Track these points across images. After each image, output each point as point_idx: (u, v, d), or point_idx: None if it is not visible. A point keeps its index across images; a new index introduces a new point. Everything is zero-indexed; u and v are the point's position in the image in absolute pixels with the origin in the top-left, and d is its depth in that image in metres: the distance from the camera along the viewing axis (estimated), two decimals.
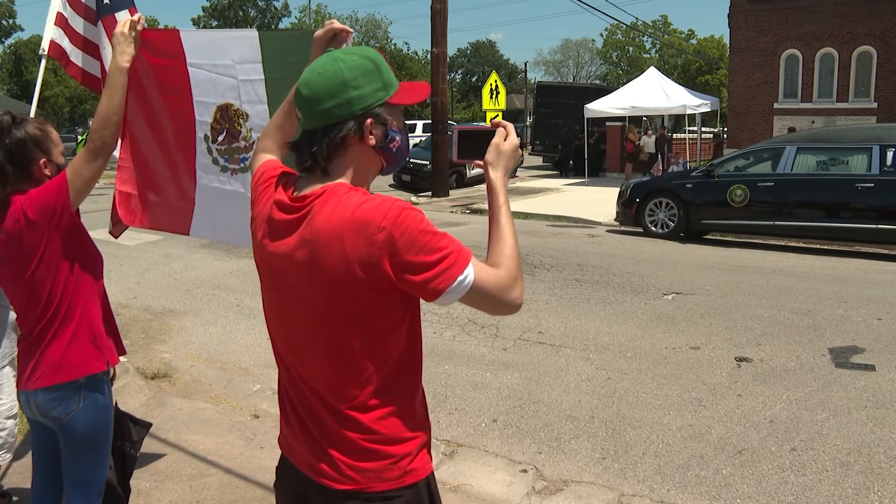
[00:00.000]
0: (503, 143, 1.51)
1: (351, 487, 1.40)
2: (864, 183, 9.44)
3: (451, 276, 1.31)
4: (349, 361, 1.38)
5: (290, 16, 58.16)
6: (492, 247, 1.42)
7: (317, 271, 1.35)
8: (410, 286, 1.33)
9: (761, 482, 3.52)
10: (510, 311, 1.40)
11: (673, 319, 6.21)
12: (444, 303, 1.35)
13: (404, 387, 1.45)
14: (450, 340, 5.69)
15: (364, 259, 1.30)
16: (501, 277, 1.37)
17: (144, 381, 4.79)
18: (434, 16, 16.42)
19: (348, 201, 1.35)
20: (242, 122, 2.45)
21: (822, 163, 10.01)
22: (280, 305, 1.47)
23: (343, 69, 1.39)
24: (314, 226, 1.35)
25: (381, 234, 1.29)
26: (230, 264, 8.39)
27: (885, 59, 18.70)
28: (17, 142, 2.12)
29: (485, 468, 3.71)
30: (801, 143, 10.29)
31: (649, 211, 11.15)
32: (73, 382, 2.12)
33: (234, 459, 3.72)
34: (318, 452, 1.43)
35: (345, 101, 1.39)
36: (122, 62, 2.25)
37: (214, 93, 2.47)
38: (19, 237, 2.05)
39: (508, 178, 1.52)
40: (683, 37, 61.46)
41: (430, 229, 1.32)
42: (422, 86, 1.52)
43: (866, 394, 4.55)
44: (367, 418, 1.40)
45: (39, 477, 2.33)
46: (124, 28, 2.29)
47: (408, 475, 1.42)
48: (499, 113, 15.57)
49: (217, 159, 2.49)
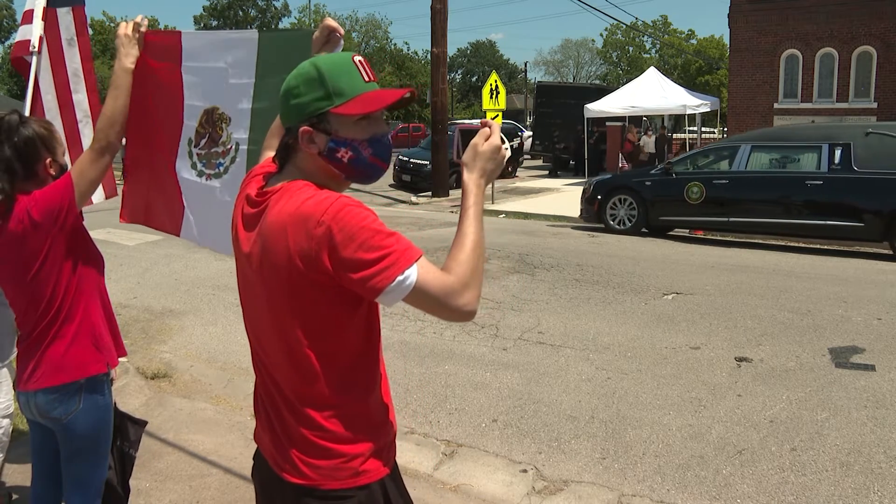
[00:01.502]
0: (482, 143, 1.49)
1: (305, 483, 1.42)
2: (814, 180, 9.71)
3: (390, 275, 1.30)
4: (301, 357, 1.40)
5: (290, 16, 58.27)
6: (450, 250, 1.40)
7: (266, 264, 1.38)
8: (350, 283, 1.32)
9: (761, 482, 3.52)
10: (459, 317, 1.37)
11: (673, 319, 6.20)
12: (385, 302, 1.34)
13: (359, 387, 1.45)
14: (450, 340, 5.69)
15: (304, 252, 1.31)
16: (448, 283, 1.34)
17: (144, 381, 4.79)
18: (434, 16, 16.43)
19: (297, 196, 1.37)
20: (225, 126, 2.43)
21: (774, 161, 10.32)
22: (247, 300, 1.52)
23: (291, 77, 1.44)
24: (266, 220, 1.39)
25: (320, 228, 1.30)
26: (230, 264, 8.33)
27: (885, 59, 18.69)
28: (25, 140, 2.13)
29: (485, 468, 3.71)
30: (755, 142, 10.58)
31: (611, 208, 11.42)
32: (74, 383, 2.12)
33: (234, 459, 3.72)
34: (278, 446, 1.46)
35: (287, 108, 1.44)
36: (127, 64, 2.29)
37: (204, 96, 2.45)
38: (22, 238, 2.05)
39: (486, 180, 1.49)
40: (683, 37, 61.49)
41: (373, 227, 1.31)
42: (388, 93, 1.46)
43: (866, 394, 4.55)
44: (320, 416, 1.41)
45: (39, 477, 2.33)
46: (127, 30, 2.32)
47: (360, 476, 1.43)
48: (499, 113, 15.54)
49: (195, 164, 2.48)
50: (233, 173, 2.39)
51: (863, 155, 9.55)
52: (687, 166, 11.03)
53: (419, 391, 4.70)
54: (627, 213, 11.28)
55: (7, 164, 2.09)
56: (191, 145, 2.48)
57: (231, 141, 2.40)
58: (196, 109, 2.48)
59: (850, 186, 9.52)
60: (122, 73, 2.27)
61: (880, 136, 9.66)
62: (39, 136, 2.16)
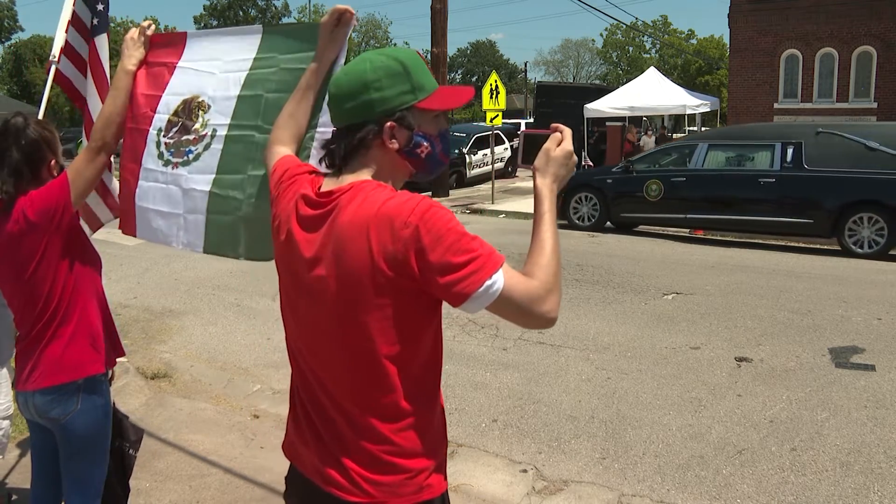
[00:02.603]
0: (554, 148, 1.46)
1: (364, 500, 1.33)
2: (766, 178, 10.07)
3: (479, 279, 1.24)
4: (371, 365, 1.32)
5: (290, 16, 58.32)
6: (529, 256, 1.35)
7: (342, 268, 1.30)
8: (436, 287, 1.26)
9: (761, 482, 3.52)
10: (542, 324, 1.31)
11: (673, 319, 6.20)
12: (470, 309, 1.27)
13: (426, 397, 1.39)
14: (450, 340, 5.69)
15: (390, 255, 1.25)
16: (533, 288, 1.28)
17: (144, 381, 4.79)
18: (434, 16, 16.42)
19: (375, 197, 1.30)
20: (202, 113, 2.31)
21: (730, 159, 10.66)
22: (300, 305, 1.41)
23: (367, 70, 1.37)
24: (340, 221, 1.31)
25: (408, 229, 1.24)
26: (230, 264, 8.37)
27: (885, 59, 18.68)
28: (31, 142, 2.13)
29: (485, 468, 3.71)
30: (712, 141, 11.00)
31: (574, 204, 11.76)
32: (72, 384, 2.12)
33: (235, 459, 3.72)
34: (328, 460, 1.37)
35: (364, 102, 1.36)
36: (129, 65, 2.30)
37: (188, 87, 2.37)
38: (19, 238, 2.05)
39: (558, 186, 1.45)
40: (683, 37, 61.50)
41: (459, 230, 1.25)
42: (464, 90, 1.46)
43: (866, 394, 4.55)
44: (387, 428, 1.34)
45: (39, 477, 2.33)
46: (134, 34, 2.33)
47: (424, 491, 1.37)
48: (499, 113, 15.53)
49: (163, 153, 2.35)
50: (205, 160, 2.27)
51: (813, 154, 9.86)
52: (647, 164, 11.33)
53: None
54: (590, 211, 11.64)
55: (15, 167, 2.09)
56: (160, 135, 2.35)
57: (207, 127, 2.29)
58: (175, 101, 2.37)
59: (800, 184, 9.86)
60: (123, 75, 2.29)
61: (830, 135, 9.97)
62: (44, 138, 2.16)
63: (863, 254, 9.46)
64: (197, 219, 2.23)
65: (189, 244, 2.23)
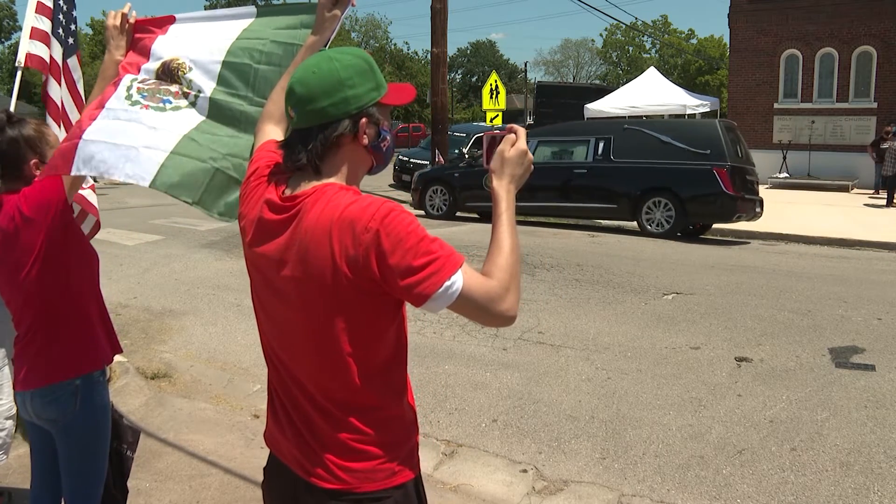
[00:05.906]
0: (508, 149, 1.50)
1: (339, 487, 1.40)
2: (580, 169, 11.69)
3: (438, 281, 1.29)
4: (339, 363, 1.38)
5: None
6: (488, 256, 1.40)
7: (306, 271, 1.35)
8: (397, 290, 1.31)
9: (761, 482, 3.52)
10: (501, 322, 1.38)
11: (673, 319, 6.20)
12: (431, 309, 1.33)
13: (393, 390, 1.45)
14: (450, 340, 5.69)
15: (351, 258, 1.30)
16: (491, 287, 1.33)
17: (144, 381, 4.79)
18: (434, 16, 16.42)
19: (338, 200, 1.34)
20: (181, 74, 2.25)
21: (555, 153, 12.13)
22: (270, 305, 1.47)
23: (339, 68, 1.40)
24: (303, 225, 1.36)
25: (368, 234, 1.28)
26: (230, 264, 8.39)
27: (885, 59, 18.67)
28: (8, 141, 2.13)
29: (485, 468, 3.71)
30: (542, 137, 12.39)
31: (429, 196, 13.16)
32: (69, 383, 2.12)
33: (234, 459, 3.72)
34: (307, 452, 1.43)
35: (341, 99, 1.39)
36: (118, 56, 2.30)
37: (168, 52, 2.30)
38: (15, 235, 2.05)
39: (515, 186, 1.50)
40: (683, 37, 61.48)
41: (419, 233, 1.30)
42: (407, 87, 1.54)
43: (866, 394, 4.55)
44: (358, 419, 1.40)
45: (38, 477, 2.33)
46: (115, 21, 2.29)
47: (396, 475, 1.42)
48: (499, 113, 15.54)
49: (132, 94, 2.20)
50: (184, 114, 2.17)
51: (620, 147, 11.39)
52: None
53: (419, 391, 4.69)
54: (441, 201, 13.01)
55: None
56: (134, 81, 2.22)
57: (192, 87, 2.23)
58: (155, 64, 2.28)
59: (607, 174, 11.44)
60: (112, 65, 2.27)
61: (634, 130, 11.61)
62: (27, 137, 2.15)
63: (656, 233, 10.94)
64: (153, 154, 2.06)
65: (133, 176, 2.02)
